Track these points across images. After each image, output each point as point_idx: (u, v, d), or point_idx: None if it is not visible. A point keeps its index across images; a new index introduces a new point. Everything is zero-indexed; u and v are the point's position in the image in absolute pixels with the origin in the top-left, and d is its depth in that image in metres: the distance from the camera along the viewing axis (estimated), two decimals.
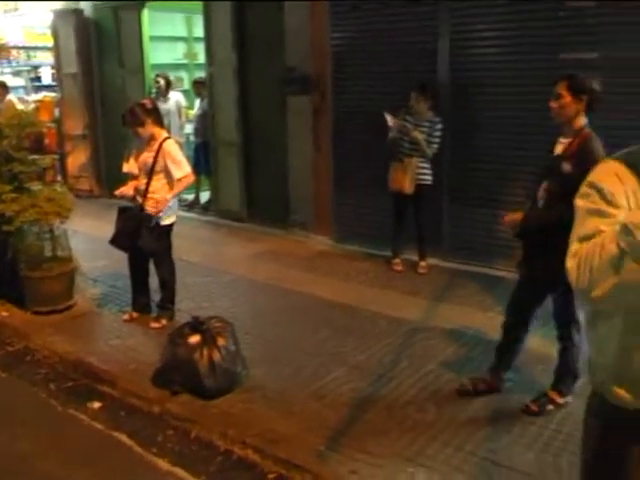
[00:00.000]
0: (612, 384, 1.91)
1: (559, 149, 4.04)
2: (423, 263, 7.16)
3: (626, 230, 1.55)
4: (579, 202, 1.81)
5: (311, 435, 4.01)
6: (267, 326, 5.71)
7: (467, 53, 7.05)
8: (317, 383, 4.66)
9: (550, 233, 3.85)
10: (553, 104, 3.97)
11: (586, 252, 1.63)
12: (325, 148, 8.23)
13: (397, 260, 7.25)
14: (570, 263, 1.69)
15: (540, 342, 4.45)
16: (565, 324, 4.20)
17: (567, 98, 3.92)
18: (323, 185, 8.32)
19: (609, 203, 1.70)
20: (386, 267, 7.26)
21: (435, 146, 6.81)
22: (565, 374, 4.28)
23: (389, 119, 6.79)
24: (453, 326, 5.58)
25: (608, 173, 1.79)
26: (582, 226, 1.73)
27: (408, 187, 6.79)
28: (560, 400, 4.28)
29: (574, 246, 1.71)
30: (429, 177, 6.92)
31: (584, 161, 3.78)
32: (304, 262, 7.56)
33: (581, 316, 4.09)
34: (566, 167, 3.88)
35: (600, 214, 1.69)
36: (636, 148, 1.86)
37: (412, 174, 6.78)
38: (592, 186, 1.78)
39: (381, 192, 7.18)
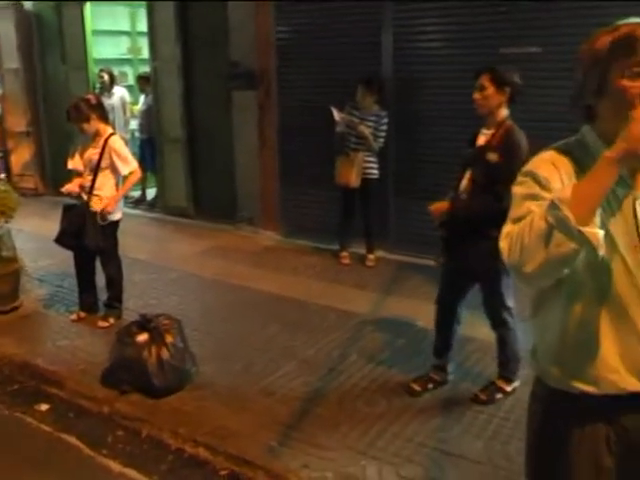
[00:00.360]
0: (552, 368, 1.95)
1: (482, 140, 4.12)
2: (371, 256, 7.21)
3: (553, 205, 1.60)
4: (515, 189, 1.85)
5: (262, 430, 4.02)
6: (216, 322, 5.69)
7: (410, 47, 7.11)
8: (267, 378, 4.66)
9: (477, 222, 3.97)
10: (477, 95, 4.05)
11: (518, 231, 1.67)
12: (271, 143, 8.23)
13: (345, 254, 7.30)
14: (503, 243, 1.72)
15: (486, 331, 4.51)
16: (496, 311, 4.25)
17: (490, 90, 4.01)
18: (270, 180, 8.32)
19: (543, 187, 1.75)
20: (334, 261, 7.30)
21: (381, 140, 6.87)
22: (507, 360, 4.34)
23: (336, 114, 6.82)
24: (402, 318, 5.64)
25: (543, 161, 1.84)
26: (516, 209, 1.78)
27: (355, 181, 6.83)
28: (508, 387, 4.34)
29: (507, 227, 1.75)
30: (375, 171, 6.97)
31: (509, 151, 3.91)
32: (252, 257, 7.55)
33: (510, 301, 4.21)
34: (492, 157, 3.97)
35: (534, 197, 1.73)
36: (572, 139, 1.92)
37: (359, 168, 6.82)
38: (527, 174, 1.83)
39: (328, 186, 7.21)
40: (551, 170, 1.79)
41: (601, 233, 1.60)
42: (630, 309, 1.82)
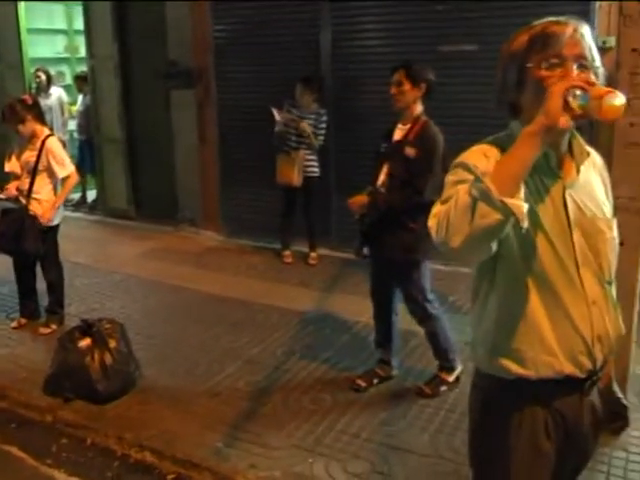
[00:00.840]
0: (490, 355, 2.00)
1: (398, 135, 4.23)
2: (313, 254, 7.24)
3: (477, 179, 1.65)
4: (447, 178, 1.90)
5: (208, 432, 4.02)
6: (159, 325, 5.65)
7: (349, 45, 7.17)
8: (212, 380, 4.66)
9: (397, 214, 4.09)
10: (393, 90, 4.18)
11: (445, 209, 1.71)
12: (211, 143, 8.20)
13: (287, 252, 7.31)
14: (431, 222, 1.76)
15: None
16: (419, 306, 4.32)
17: (407, 85, 4.14)
18: (210, 180, 8.29)
19: (472, 174, 1.79)
20: (276, 260, 7.31)
21: (321, 138, 6.91)
22: (444, 351, 4.41)
23: (276, 113, 6.83)
24: (345, 315, 5.69)
25: (474, 152, 1.90)
26: (445, 193, 1.82)
27: (296, 180, 6.85)
28: (450, 378, 4.42)
29: (435, 208, 1.78)
30: (316, 169, 7.01)
31: (426, 145, 4.05)
32: (194, 258, 7.51)
33: (431, 295, 4.32)
34: (410, 151, 4.08)
35: (462, 182, 1.76)
36: (502, 134, 1.99)
37: (300, 166, 6.85)
38: (459, 164, 1.87)
39: (269, 185, 7.22)
40: (481, 158, 1.84)
41: (525, 206, 1.64)
42: (562, 294, 1.89)
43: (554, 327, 1.90)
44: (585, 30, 1.85)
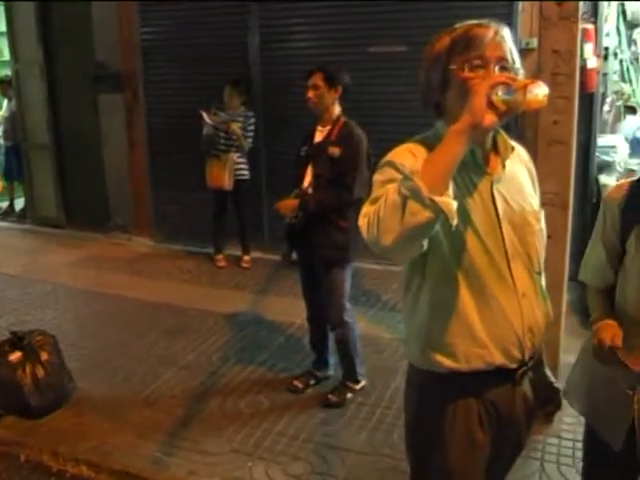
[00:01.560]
0: (423, 349, 2.02)
1: (319, 136, 4.28)
2: (246, 257, 7.25)
3: (406, 177, 1.67)
4: (375, 177, 1.91)
5: (146, 442, 3.98)
6: (92, 335, 5.56)
7: (278, 47, 7.18)
8: (148, 388, 4.62)
9: (328, 213, 4.14)
10: (310, 94, 4.22)
11: (375, 208, 1.71)
12: (141, 147, 8.11)
13: (220, 256, 7.29)
14: (361, 221, 1.75)
15: (363, 325, 4.62)
16: (336, 312, 4.32)
17: (323, 88, 4.18)
18: (141, 185, 8.20)
19: (400, 173, 1.80)
20: (210, 264, 7.29)
21: (250, 140, 6.92)
22: (351, 361, 4.44)
23: (205, 116, 6.79)
24: (280, 317, 5.71)
25: (401, 151, 1.93)
26: (374, 193, 1.83)
27: (227, 183, 6.84)
28: (356, 386, 4.45)
29: (365, 208, 1.78)
30: (246, 172, 7.01)
31: (349, 143, 4.11)
32: (127, 265, 7.42)
33: (348, 303, 4.34)
34: (333, 151, 4.13)
35: (391, 182, 1.77)
36: (429, 133, 2.03)
37: (230, 170, 6.84)
38: (387, 163, 1.89)
39: (200, 189, 7.16)
40: (408, 157, 1.86)
41: (454, 203, 1.66)
42: (492, 287, 1.94)
43: (485, 320, 1.95)
44: (506, 33, 1.91)
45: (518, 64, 1.92)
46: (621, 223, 2.19)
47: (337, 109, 4.26)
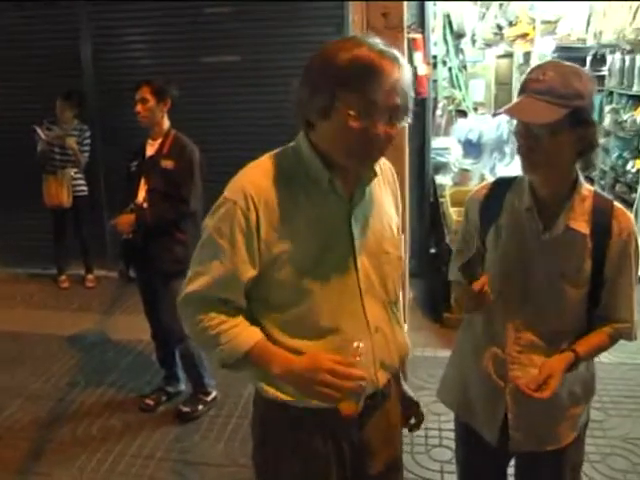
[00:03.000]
0: (258, 381, 1.99)
1: (151, 150, 4.26)
2: (90, 276, 7.08)
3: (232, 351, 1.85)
4: (207, 222, 1.86)
5: None
6: None
7: (111, 58, 7.02)
8: None
9: (165, 226, 4.16)
10: (139, 109, 4.17)
11: (199, 329, 1.95)
12: None
13: (63, 277, 7.09)
14: (183, 311, 2.05)
15: None
16: (175, 325, 4.26)
17: (152, 102, 4.16)
18: None
19: (230, 242, 1.80)
20: (53, 286, 7.06)
21: (87, 154, 6.77)
22: (197, 374, 4.48)
23: (39, 131, 6.56)
24: (128, 335, 5.62)
25: (251, 175, 1.84)
26: (201, 257, 1.89)
27: (66, 200, 6.66)
28: (207, 398, 4.49)
29: (191, 284, 1.95)
30: (85, 187, 6.85)
31: (182, 156, 4.14)
32: None
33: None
34: (167, 164, 4.14)
35: (217, 257, 1.83)
36: (289, 147, 1.91)
37: (68, 186, 6.66)
38: (226, 201, 1.81)
39: (38, 208, 6.88)
40: (249, 189, 1.79)
41: (255, 338, 1.86)
42: (341, 326, 1.88)
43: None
44: (406, 70, 1.75)
45: (410, 107, 1.76)
46: (481, 222, 2.27)
47: (167, 122, 4.26)
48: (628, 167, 9.53)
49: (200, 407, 4.43)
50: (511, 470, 2.50)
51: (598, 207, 2.12)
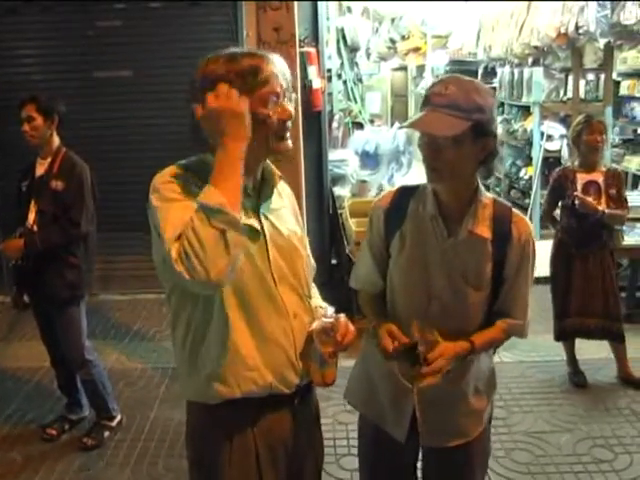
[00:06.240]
0: (192, 381, 2.00)
1: (41, 170, 4.12)
2: None
3: (217, 210, 1.64)
4: (154, 202, 1.81)
5: None
6: None
7: (4, 72, 6.78)
8: None
9: (56, 251, 4.03)
10: (26, 128, 4.03)
11: (187, 249, 1.64)
12: None
13: None
14: (180, 268, 1.65)
15: (119, 357, 4.49)
16: (76, 353, 4.24)
17: (39, 120, 4.02)
18: None
19: (185, 194, 1.80)
20: None
21: None
22: (101, 400, 4.39)
23: None
24: (27, 363, 5.40)
25: (163, 175, 1.86)
26: (167, 225, 1.73)
27: None
28: (111, 423, 4.40)
29: (172, 248, 1.67)
30: None
31: (72, 176, 4.02)
32: None
33: (87, 341, 4.28)
34: (57, 184, 4.01)
35: (174, 201, 1.78)
36: (193, 159, 1.95)
37: None
38: (154, 190, 1.82)
39: None
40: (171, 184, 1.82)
41: (256, 223, 1.94)
42: (261, 309, 1.94)
43: (255, 342, 1.94)
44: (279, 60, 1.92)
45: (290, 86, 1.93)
46: (385, 228, 2.32)
47: (56, 140, 4.11)
48: (521, 174, 9.96)
49: (106, 434, 4.32)
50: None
51: (498, 213, 2.24)
